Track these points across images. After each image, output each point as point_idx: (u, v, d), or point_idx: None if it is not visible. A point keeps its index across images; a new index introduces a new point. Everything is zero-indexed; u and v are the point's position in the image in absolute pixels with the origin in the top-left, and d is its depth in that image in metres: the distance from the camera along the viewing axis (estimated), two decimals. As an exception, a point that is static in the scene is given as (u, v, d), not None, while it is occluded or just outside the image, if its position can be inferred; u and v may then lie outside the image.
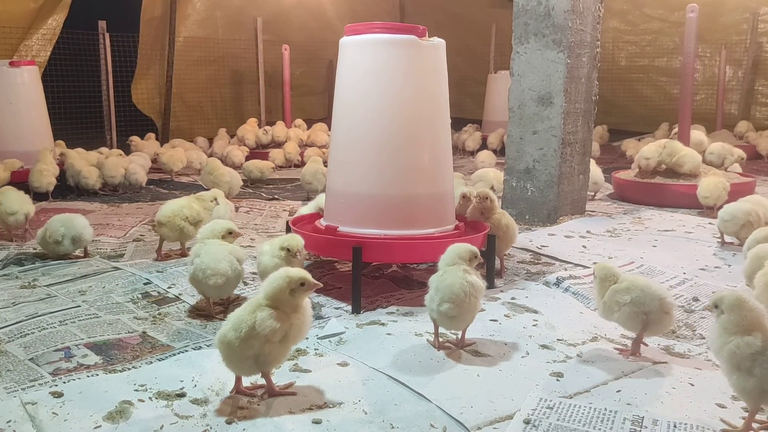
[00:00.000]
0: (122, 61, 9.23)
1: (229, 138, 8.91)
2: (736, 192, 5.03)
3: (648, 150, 5.98)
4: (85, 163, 6.00)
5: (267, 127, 8.84)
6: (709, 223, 4.82)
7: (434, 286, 2.52)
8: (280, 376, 2.32)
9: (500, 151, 8.55)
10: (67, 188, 5.94)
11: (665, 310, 2.48)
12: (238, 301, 3.12)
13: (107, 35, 8.76)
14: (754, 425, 1.99)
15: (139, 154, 7.08)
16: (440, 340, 2.61)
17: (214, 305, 3.01)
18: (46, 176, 5.50)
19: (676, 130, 9.07)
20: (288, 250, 2.84)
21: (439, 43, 3.27)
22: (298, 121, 9.49)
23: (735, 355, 1.92)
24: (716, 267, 3.75)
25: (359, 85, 3.22)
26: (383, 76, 3.17)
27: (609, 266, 2.63)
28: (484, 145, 9.08)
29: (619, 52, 11.41)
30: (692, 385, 2.30)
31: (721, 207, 4.23)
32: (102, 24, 8.74)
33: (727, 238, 4.17)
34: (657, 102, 10.96)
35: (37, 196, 5.54)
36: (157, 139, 8.70)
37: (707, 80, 10.51)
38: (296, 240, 2.89)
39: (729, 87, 10.18)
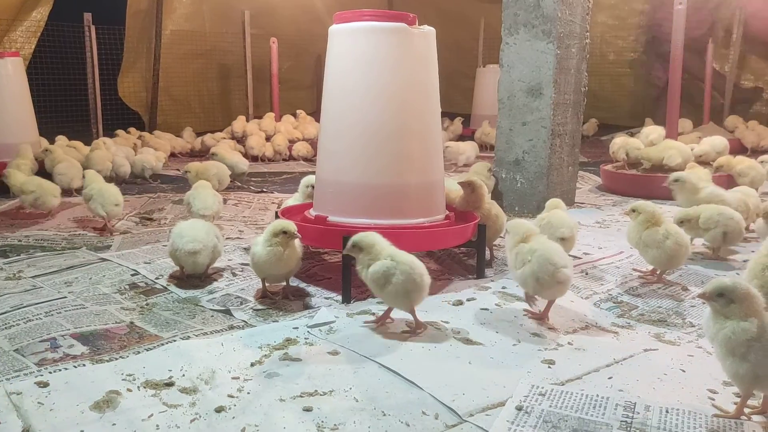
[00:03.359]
0: (108, 54, 9.15)
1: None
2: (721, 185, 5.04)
3: (637, 142, 6.08)
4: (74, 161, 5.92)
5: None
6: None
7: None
8: (270, 365, 2.30)
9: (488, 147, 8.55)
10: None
11: (558, 279, 2.63)
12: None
13: (93, 28, 8.67)
14: (746, 410, 1.99)
15: (123, 147, 7.02)
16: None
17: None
18: (24, 171, 5.43)
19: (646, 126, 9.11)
20: (285, 232, 2.83)
21: (429, 31, 3.25)
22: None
23: (730, 341, 1.91)
24: (704, 257, 3.77)
25: (349, 74, 3.19)
26: (373, 64, 3.14)
27: (522, 223, 2.85)
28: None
29: (607, 46, 11.44)
30: (683, 371, 2.30)
31: None
32: (87, 16, 8.65)
33: None
34: (644, 96, 10.99)
35: None
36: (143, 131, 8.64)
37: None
38: (288, 223, 2.89)
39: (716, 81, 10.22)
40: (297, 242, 2.94)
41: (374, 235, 2.62)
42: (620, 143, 6.24)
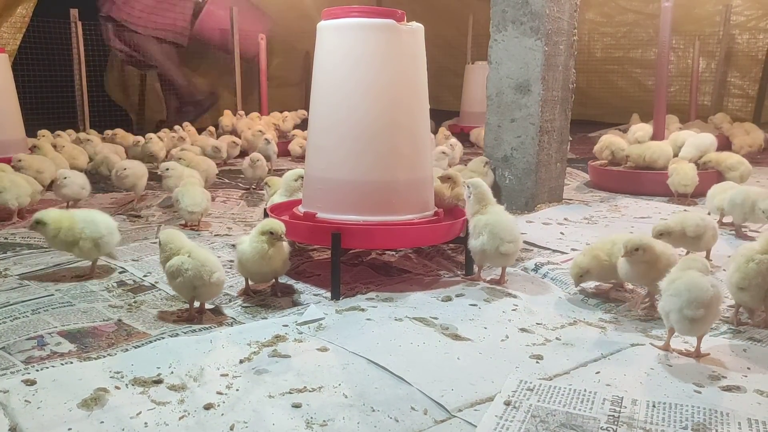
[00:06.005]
0: (95, 50, 9.08)
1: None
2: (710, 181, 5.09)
3: (623, 142, 6.13)
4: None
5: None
6: (684, 210, 4.88)
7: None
8: (259, 361, 2.29)
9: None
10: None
11: (502, 251, 3.05)
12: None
13: (79, 24, 8.60)
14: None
15: (109, 144, 6.96)
16: None
17: None
18: None
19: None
20: (271, 233, 2.83)
21: (418, 27, 3.25)
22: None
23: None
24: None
25: (337, 70, 3.19)
26: (361, 60, 3.14)
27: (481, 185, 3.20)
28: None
29: (594, 43, 11.49)
30: (670, 366, 2.32)
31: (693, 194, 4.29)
32: (74, 12, 8.58)
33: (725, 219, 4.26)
34: (632, 93, 11.06)
35: None
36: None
37: (681, 72, 10.63)
38: (278, 223, 2.88)
39: (702, 78, 10.28)
40: (285, 244, 2.93)
41: (176, 233, 2.81)
42: (605, 143, 6.25)
